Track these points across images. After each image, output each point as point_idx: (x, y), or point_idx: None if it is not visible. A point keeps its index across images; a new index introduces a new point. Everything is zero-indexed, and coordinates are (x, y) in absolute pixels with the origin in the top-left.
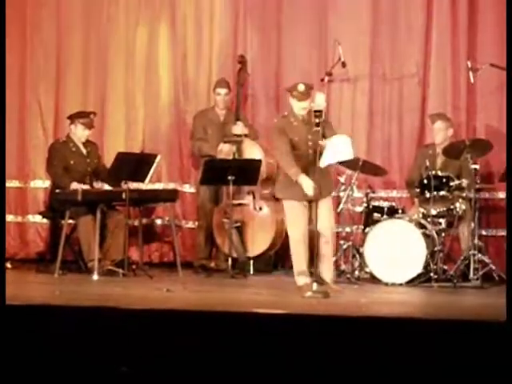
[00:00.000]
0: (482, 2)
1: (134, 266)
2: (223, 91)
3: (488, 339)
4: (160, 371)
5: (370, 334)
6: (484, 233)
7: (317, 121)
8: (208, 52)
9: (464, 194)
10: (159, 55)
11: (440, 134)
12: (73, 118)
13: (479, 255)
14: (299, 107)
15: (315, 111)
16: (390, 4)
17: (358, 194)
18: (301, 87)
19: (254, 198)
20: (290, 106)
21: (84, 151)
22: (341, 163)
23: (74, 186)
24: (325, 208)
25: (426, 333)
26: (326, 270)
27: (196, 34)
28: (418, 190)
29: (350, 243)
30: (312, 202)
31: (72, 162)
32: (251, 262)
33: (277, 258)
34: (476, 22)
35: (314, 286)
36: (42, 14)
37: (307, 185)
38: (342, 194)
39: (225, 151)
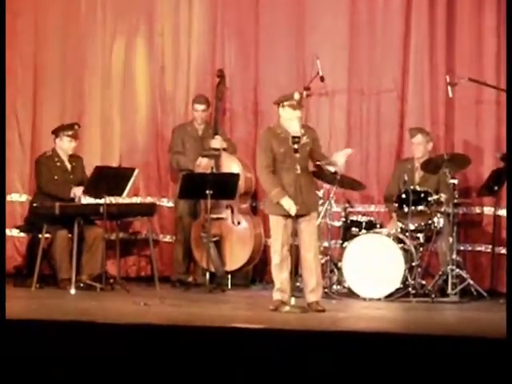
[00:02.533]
0: (460, 17)
1: (111, 281)
2: (201, 107)
3: (467, 354)
4: None
5: (347, 349)
6: (462, 248)
7: (295, 147)
8: (186, 66)
9: (442, 209)
10: (136, 69)
11: (419, 148)
12: (57, 131)
13: (457, 270)
14: (294, 116)
15: (293, 137)
16: (368, 19)
17: (336, 208)
18: (296, 96)
19: (232, 212)
20: (279, 117)
21: (69, 166)
22: (319, 178)
23: (78, 191)
24: (310, 224)
25: (404, 348)
26: (308, 291)
27: (174, 47)
28: (396, 205)
29: (328, 258)
30: (298, 218)
31: (56, 178)
32: (229, 276)
33: (255, 273)
34: (454, 37)
35: (292, 300)
36: (18, 26)
37: (288, 206)
38: (320, 208)
39: (203, 165)
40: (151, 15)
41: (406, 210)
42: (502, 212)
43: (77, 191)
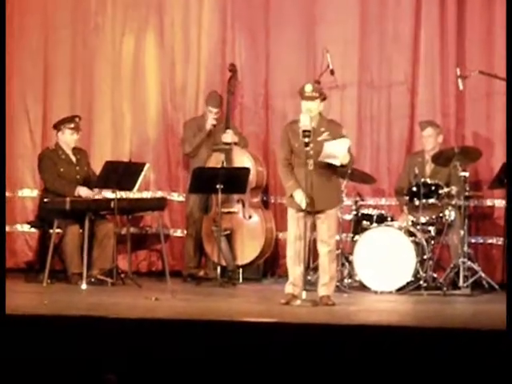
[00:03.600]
0: (470, 10)
1: (122, 275)
2: (214, 110)
3: (479, 347)
4: (149, 380)
5: (359, 343)
6: (473, 240)
7: (306, 140)
8: (196, 60)
9: (453, 202)
10: (146, 63)
11: (430, 141)
12: (58, 124)
13: (469, 263)
14: (306, 108)
15: (303, 131)
16: (378, 12)
17: (347, 201)
18: (308, 87)
19: (243, 206)
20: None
21: (73, 159)
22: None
23: (82, 191)
24: (325, 221)
25: (417, 341)
26: (320, 285)
27: (184, 42)
28: (407, 198)
29: (340, 251)
30: (314, 213)
31: (62, 170)
32: (240, 270)
33: (266, 267)
34: (464, 30)
35: (304, 294)
36: (29, 22)
37: (300, 199)
38: None
39: (214, 159)
40: (161, 9)
41: (416, 203)
42: None
43: (81, 191)
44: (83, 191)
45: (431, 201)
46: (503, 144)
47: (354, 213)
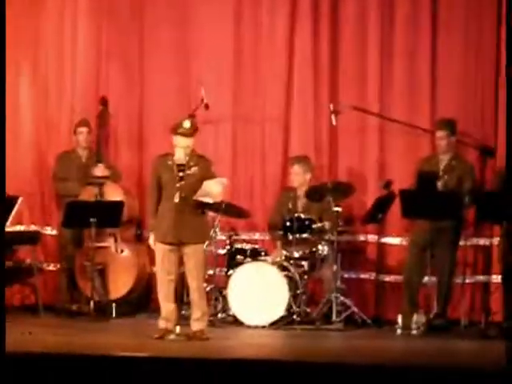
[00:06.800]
0: (343, 45)
1: None
2: (85, 129)
3: (351, 382)
4: None
5: (233, 377)
6: (346, 275)
7: (180, 174)
8: (70, 93)
9: (326, 237)
10: (20, 94)
11: (297, 179)
12: None
13: (341, 298)
14: (183, 144)
15: (178, 165)
16: (252, 46)
17: (221, 236)
18: (186, 124)
19: (115, 240)
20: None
21: None
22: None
23: None
24: (193, 257)
25: (290, 375)
26: (193, 319)
27: (57, 74)
28: (280, 233)
29: (213, 285)
30: (181, 247)
31: None
32: (114, 304)
33: (140, 301)
34: (337, 64)
35: (177, 328)
36: None
37: (151, 242)
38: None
39: (87, 193)
40: (36, 41)
41: (290, 237)
42: (386, 240)
43: None
44: None
45: (304, 235)
46: (376, 179)
47: (228, 247)
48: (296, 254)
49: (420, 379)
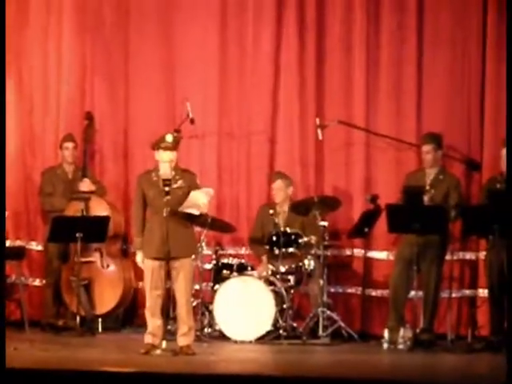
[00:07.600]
0: (329, 59)
1: None
2: (70, 145)
3: None
4: None
5: None
6: (333, 290)
7: (166, 189)
8: (55, 108)
9: (312, 251)
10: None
11: (279, 194)
12: None
13: (328, 312)
14: (167, 158)
15: (164, 180)
16: (238, 61)
17: (207, 251)
18: (169, 138)
19: (101, 255)
20: (157, 161)
21: None
22: (191, 221)
23: None
24: (181, 272)
25: None
26: (179, 335)
27: (43, 89)
28: (266, 247)
29: (200, 300)
30: (169, 262)
31: None
32: (99, 319)
33: (125, 316)
34: (323, 79)
35: (164, 344)
36: None
37: (139, 260)
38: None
39: (73, 208)
40: (20, 56)
41: (276, 252)
42: (372, 254)
43: None
44: None
45: (291, 250)
46: (362, 193)
47: (214, 262)
48: (282, 269)
49: None
